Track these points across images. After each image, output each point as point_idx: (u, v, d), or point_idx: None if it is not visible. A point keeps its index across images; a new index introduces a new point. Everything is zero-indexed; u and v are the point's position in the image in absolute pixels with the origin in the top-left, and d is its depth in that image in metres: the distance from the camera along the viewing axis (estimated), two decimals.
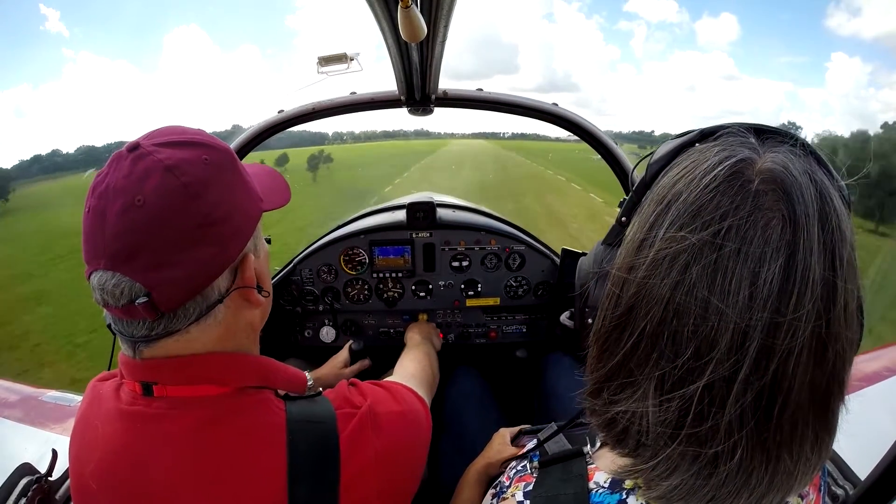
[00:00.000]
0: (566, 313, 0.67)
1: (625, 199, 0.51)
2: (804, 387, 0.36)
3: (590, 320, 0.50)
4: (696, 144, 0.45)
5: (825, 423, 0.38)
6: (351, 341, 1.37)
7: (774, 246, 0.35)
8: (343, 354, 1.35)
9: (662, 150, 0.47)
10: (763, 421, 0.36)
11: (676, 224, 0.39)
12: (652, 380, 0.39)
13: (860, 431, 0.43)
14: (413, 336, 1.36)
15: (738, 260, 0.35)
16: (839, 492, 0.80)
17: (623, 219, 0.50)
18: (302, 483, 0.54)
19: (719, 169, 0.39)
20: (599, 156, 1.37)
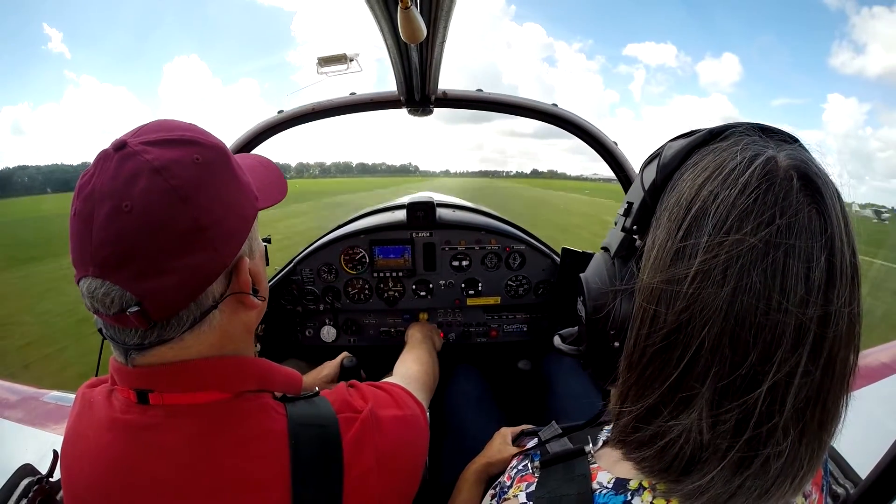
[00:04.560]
0: (558, 337, 0.60)
1: (630, 205, 0.47)
2: (840, 366, 0.38)
3: (616, 343, 0.46)
4: (709, 144, 0.43)
5: (846, 394, 0.40)
6: (344, 358, 1.29)
7: (818, 239, 0.36)
8: (331, 368, 1.28)
9: (671, 150, 0.45)
10: (813, 409, 0.37)
11: (721, 228, 0.37)
12: (710, 393, 0.37)
13: (861, 430, 0.43)
14: (414, 334, 1.35)
15: (793, 256, 0.36)
16: (840, 490, 0.80)
17: (634, 227, 0.46)
18: (306, 488, 0.53)
19: (753, 168, 0.38)
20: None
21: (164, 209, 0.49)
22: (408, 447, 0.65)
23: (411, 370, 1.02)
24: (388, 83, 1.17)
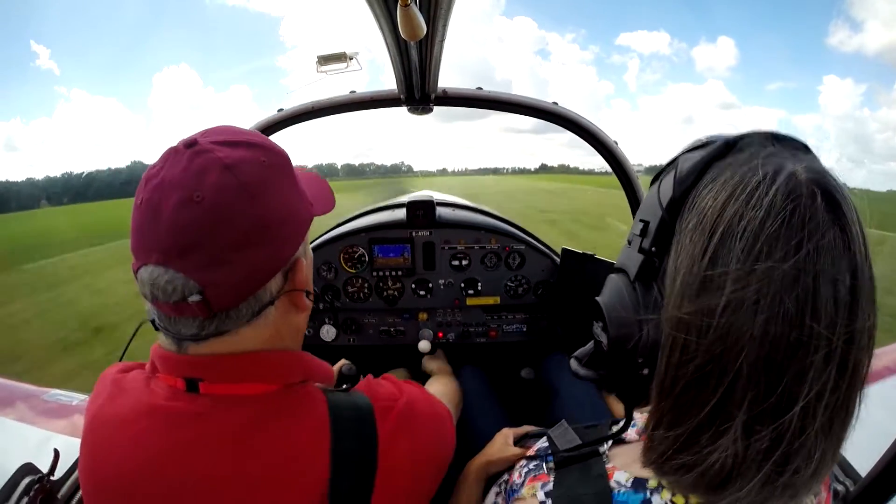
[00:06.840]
0: (575, 360, 0.56)
1: (646, 223, 0.45)
2: (861, 372, 0.38)
3: (646, 371, 0.45)
4: (725, 157, 0.42)
5: (860, 393, 0.41)
6: (343, 365, 1.25)
7: (842, 258, 0.37)
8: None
9: (687, 163, 0.44)
10: (838, 417, 0.38)
11: (751, 255, 0.36)
12: (745, 416, 0.38)
13: (861, 429, 0.43)
14: (441, 367, 1.43)
15: (822, 280, 0.36)
16: (840, 488, 0.81)
17: (653, 248, 0.44)
18: (344, 477, 0.54)
19: (776, 186, 0.37)
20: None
21: (233, 203, 0.51)
22: (438, 447, 0.66)
23: (439, 393, 1.03)
24: (388, 82, 1.16)
